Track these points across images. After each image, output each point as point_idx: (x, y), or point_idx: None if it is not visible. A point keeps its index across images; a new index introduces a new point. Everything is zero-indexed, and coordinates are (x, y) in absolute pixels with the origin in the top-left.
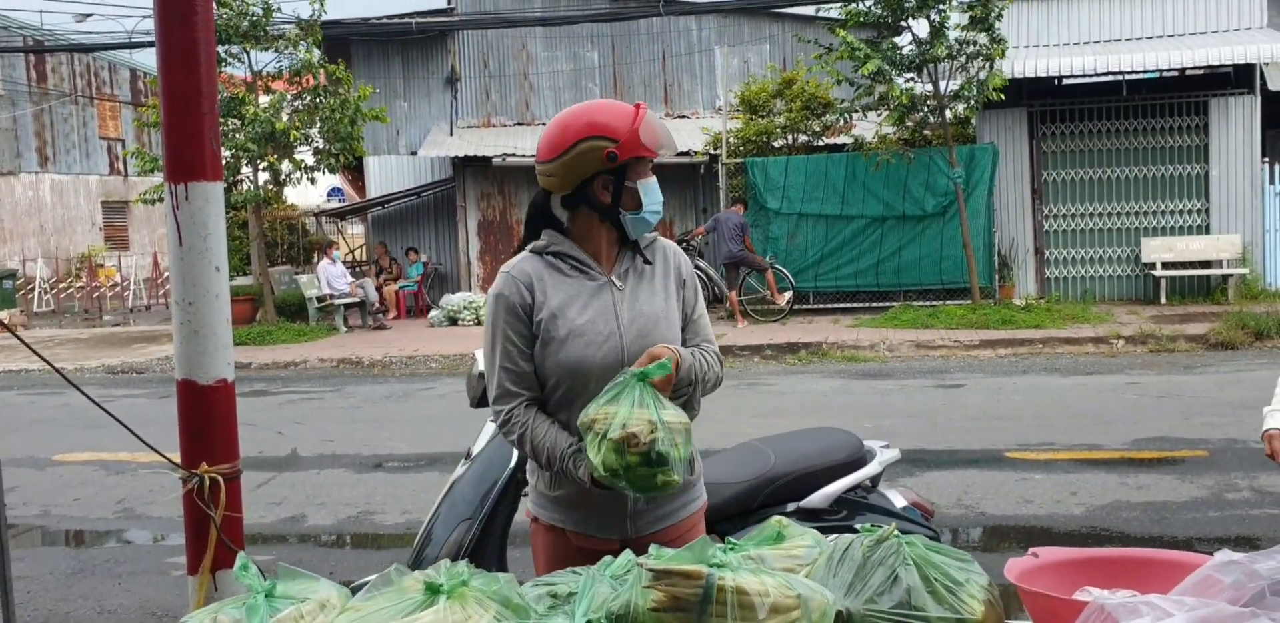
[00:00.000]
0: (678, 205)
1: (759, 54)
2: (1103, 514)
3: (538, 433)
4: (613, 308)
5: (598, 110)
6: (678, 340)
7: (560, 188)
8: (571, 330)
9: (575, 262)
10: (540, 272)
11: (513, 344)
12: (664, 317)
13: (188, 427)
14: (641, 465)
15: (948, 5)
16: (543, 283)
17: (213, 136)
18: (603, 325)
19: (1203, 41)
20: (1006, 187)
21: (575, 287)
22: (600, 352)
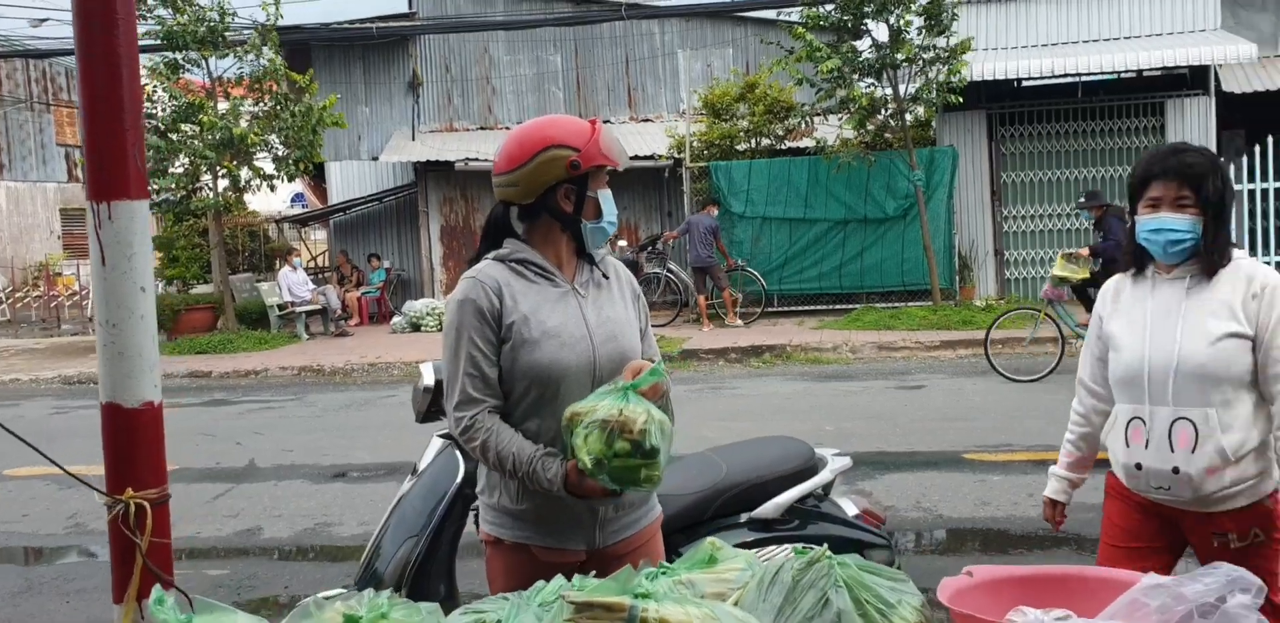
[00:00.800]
0: (642, 209)
1: (722, 58)
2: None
3: (502, 439)
4: (580, 312)
5: (557, 122)
6: (640, 350)
7: (522, 198)
8: (545, 332)
9: (539, 268)
10: (507, 277)
11: (478, 349)
12: (628, 324)
13: (113, 451)
14: (630, 455)
15: (906, 9)
16: (510, 288)
17: (137, 153)
18: (573, 328)
19: (1158, 43)
20: (966, 188)
21: (541, 292)
22: (573, 354)
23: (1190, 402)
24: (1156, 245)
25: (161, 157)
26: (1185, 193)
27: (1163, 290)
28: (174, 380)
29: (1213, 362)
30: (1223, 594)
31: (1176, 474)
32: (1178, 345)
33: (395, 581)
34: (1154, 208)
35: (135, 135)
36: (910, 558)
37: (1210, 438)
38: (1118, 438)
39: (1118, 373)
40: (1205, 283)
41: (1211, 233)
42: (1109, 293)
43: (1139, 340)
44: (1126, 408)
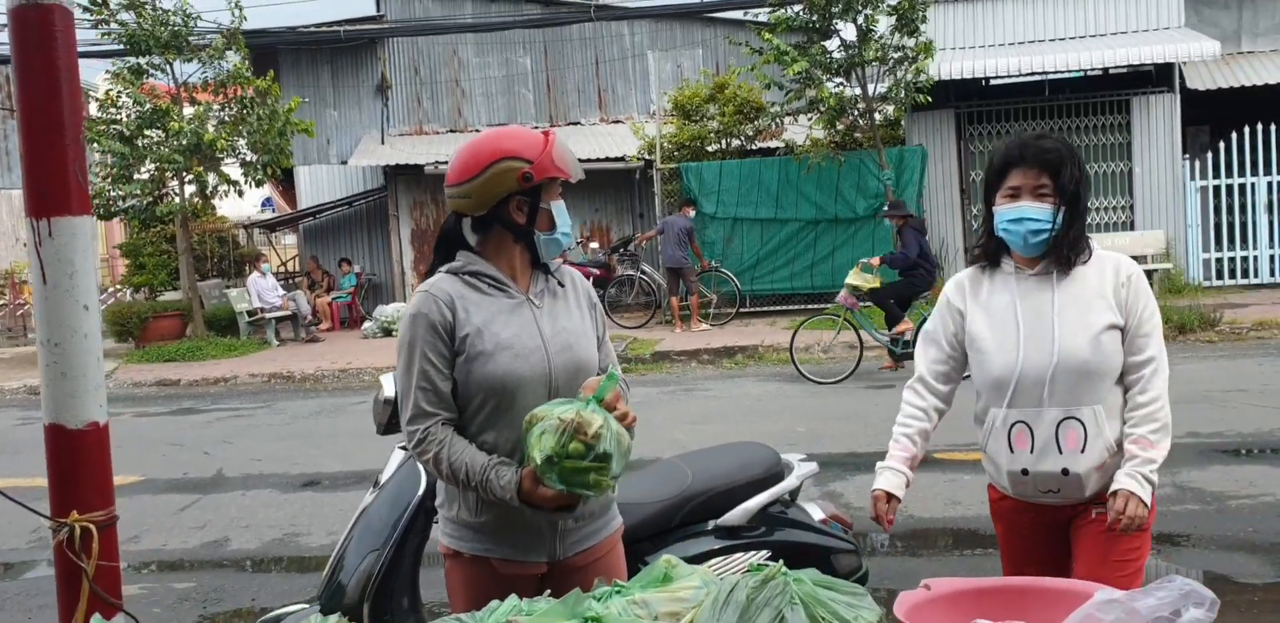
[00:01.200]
0: (614, 211)
1: (692, 59)
2: None
3: (455, 450)
4: (534, 323)
5: (509, 134)
6: (596, 359)
7: (474, 209)
8: (498, 344)
9: (492, 280)
10: (460, 290)
11: (431, 364)
12: (584, 333)
13: (57, 473)
14: (582, 457)
15: (874, 9)
16: (464, 300)
17: (78, 168)
18: (528, 340)
19: (1124, 41)
20: (936, 187)
21: (495, 304)
22: (527, 365)
23: (1075, 400)
24: (1016, 236)
25: (127, 163)
26: (1044, 181)
27: (1030, 287)
28: (142, 389)
29: (1096, 357)
30: (1177, 608)
31: (1066, 476)
32: (1057, 344)
33: (358, 594)
34: (1013, 198)
35: (76, 150)
36: (881, 560)
37: (1099, 436)
38: (999, 444)
39: (991, 376)
40: (1072, 276)
41: (1069, 223)
42: (961, 289)
43: (1011, 342)
44: (1006, 412)
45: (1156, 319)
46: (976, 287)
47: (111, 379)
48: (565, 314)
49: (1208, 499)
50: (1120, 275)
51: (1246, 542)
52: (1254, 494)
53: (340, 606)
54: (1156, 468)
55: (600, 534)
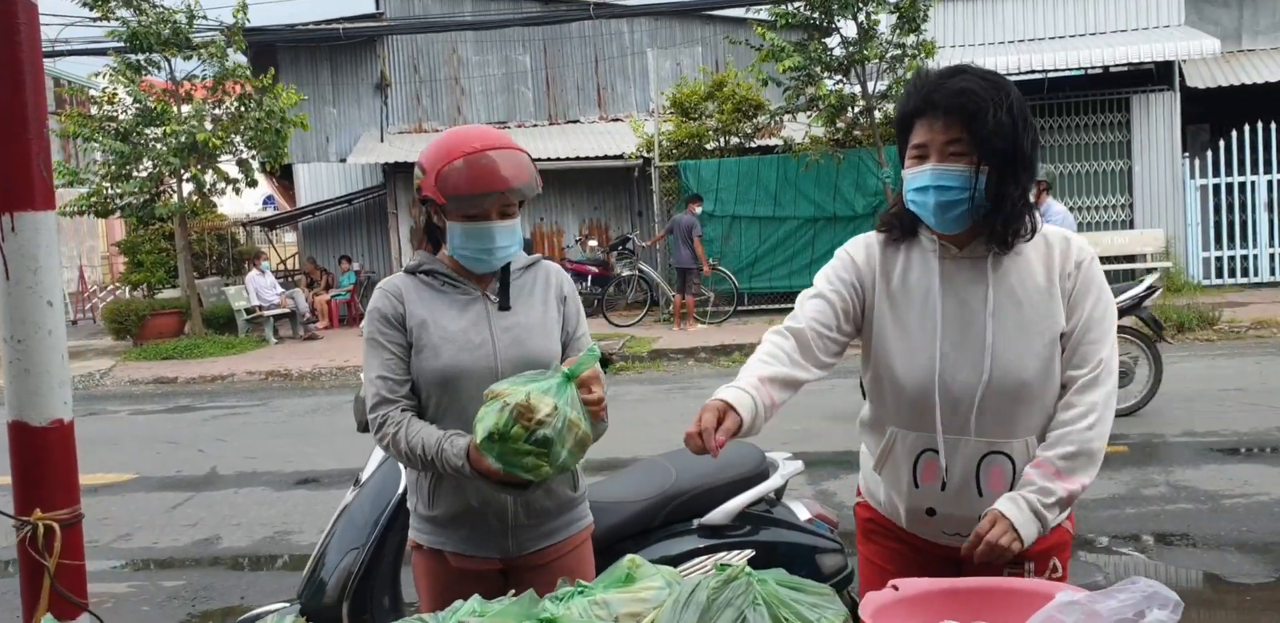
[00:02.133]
0: (612, 209)
1: (691, 56)
2: None
3: (411, 430)
4: (486, 318)
5: (445, 139)
6: (555, 353)
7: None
8: (444, 337)
9: (446, 278)
10: (412, 286)
11: (390, 353)
12: (540, 327)
13: (21, 471)
14: (522, 441)
15: (876, 7)
16: (413, 294)
17: (42, 163)
18: (474, 334)
19: (1124, 39)
20: None
21: (446, 300)
22: (472, 358)
23: (1006, 431)
24: (925, 209)
25: (124, 161)
26: (956, 134)
27: (957, 273)
28: (139, 386)
29: (1039, 377)
30: (1141, 609)
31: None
32: (989, 358)
33: (338, 592)
34: (920, 159)
35: (40, 144)
36: None
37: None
38: (899, 474)
39: (898, 389)
40: (1011, 262)
41: (1000, 189)
42: (870, 257)
43: (929, 348)
44: (912, 436)
45: (1110, 320)
46: (888, 261)
47: (109, 377)
48: (526, 310)
49: (1202, 498)
50: (1069, 262)
51: (1240, 541)
52: (1248, 494)
53: (320, 604)
54: (1057, 504)
55: (561, 533)
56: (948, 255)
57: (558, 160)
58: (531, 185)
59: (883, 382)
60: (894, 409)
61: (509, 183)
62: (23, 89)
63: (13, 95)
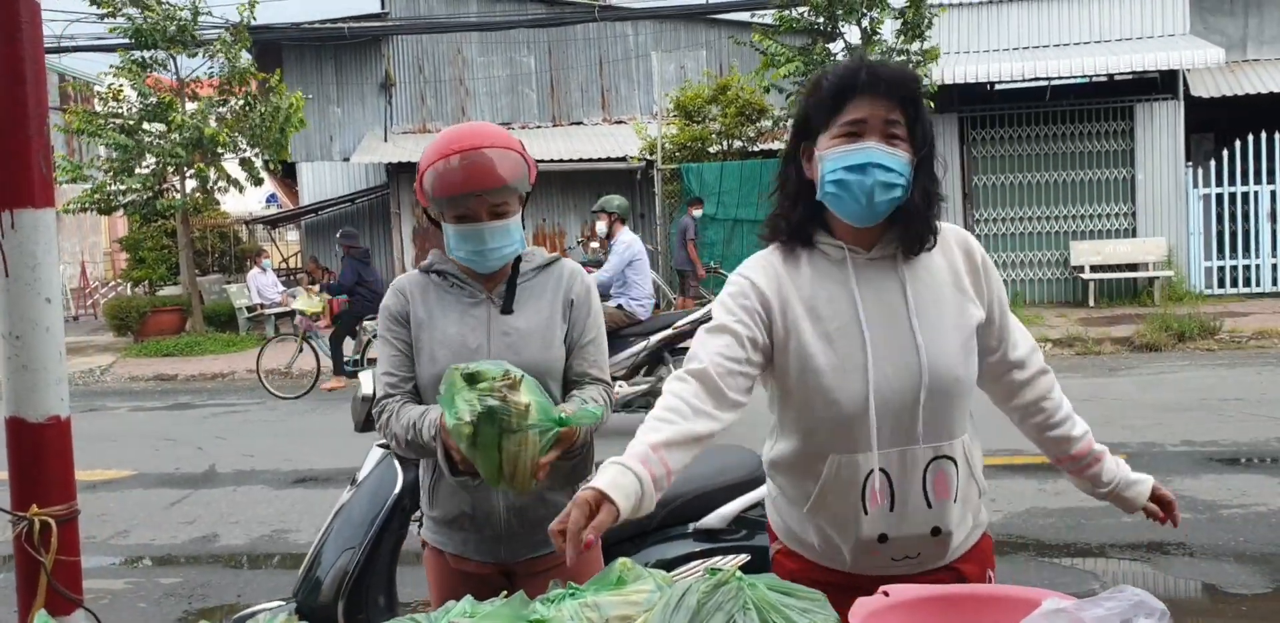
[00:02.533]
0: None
1: (695, 60)
2: (1019, 521)
3: (401, 412)
4: (485, 323)
5: (435, 140)
6: (556, 361)
7: None
8: (441, 341)
9: (455, 279)
10: (423, 284)
11: (395, 350)
12: (539, 335)
13: (17, 467)
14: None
15: (881, 12)
16: (420, 293)
17: (43, 160)
18: (470, 339)
19: (1128, 47)
20: None
21: (451, 301)
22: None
23: (946, 432)
24: (857, 192)
25: (128, 156)
26: (897, 117)
27: (871, 276)
28: (139, 383)
29: (968, 370)
30: (1127, 618)
31: (936, 536)
32: (923, 359)
33: (333, 591)
34: (854, 137)
35: (40, 141)
36: None
37: (970, 476)
38: (845, 505)
39: (833, 412)
40: (919, 260)
41: (924, 187)
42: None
43: (859, 359)
44: (857, 458)
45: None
46: (794, 274)
47: (109, 373)
48: (529, 314)
49: (1200, 508)
50: (974, 255)
51: (1237, 552)
52: (1246, 504)
53: (315, 602)
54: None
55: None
56: (859, 259)
57: (561, 162)
58: (517, 184)
59: (814, 407)
60: (831, 435)
61: (485, 184)
62: (24, 86)
63: (13, 93)
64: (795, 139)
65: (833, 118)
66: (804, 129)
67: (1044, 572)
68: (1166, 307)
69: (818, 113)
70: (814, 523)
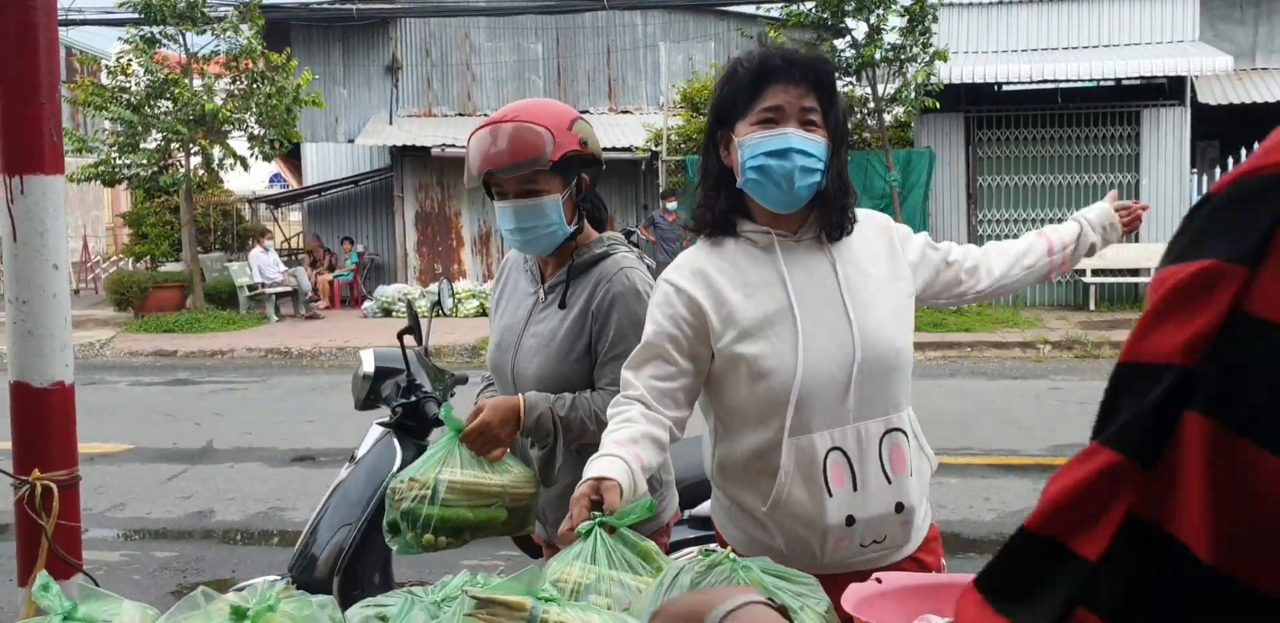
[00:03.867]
0: (619, 202)
1: (703, 51)
2: (1012, 521)
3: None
4: (524, 320)
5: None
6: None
7: None
8: (498, 327)
9: (527, 264)
10: (517, 263)
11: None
12: (553, 343)
13: (21, 431)
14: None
15: (886, 9)
16: (509, 272)
17: (53, 127)
18: (509, 335)
19: (1137, 52)
20: (942, 191)
21: (520, 288)
22: (498, 358)
23: (893, 404)
24: (777, 177)
25: (134, 132)
26: (813, 104)
27: (799, 256)
28: (138, 358)
29: (906, 343)
30: None
31: (900, 513)
32: (855, 333)
33: (328, 568)
34: (771, 123)
35: (51, 108)
36: None
37: (920, 449)
38: (806, 491)
39: (774, 391)
40: (844, 242)
41: (838, 170)
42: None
43: (791, 341)
44: (814, 438)
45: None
46: (717, 264)
47: (109, 347)
48: (557, 317)
49: None
50: (891, 230)
51: None
52: None
53: (311, 579)
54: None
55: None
56: (785, 242)
57: None
58: (530, 162)
59: (758, 395)
60: (781, 420)
61: (494, 161)
62: (36, 53)
63: (27, 59)
64: (712, 128)
65: (750, 105)
66: (721, 117)
67: None
68: None
69: (734, 100)
70: (777, 522)
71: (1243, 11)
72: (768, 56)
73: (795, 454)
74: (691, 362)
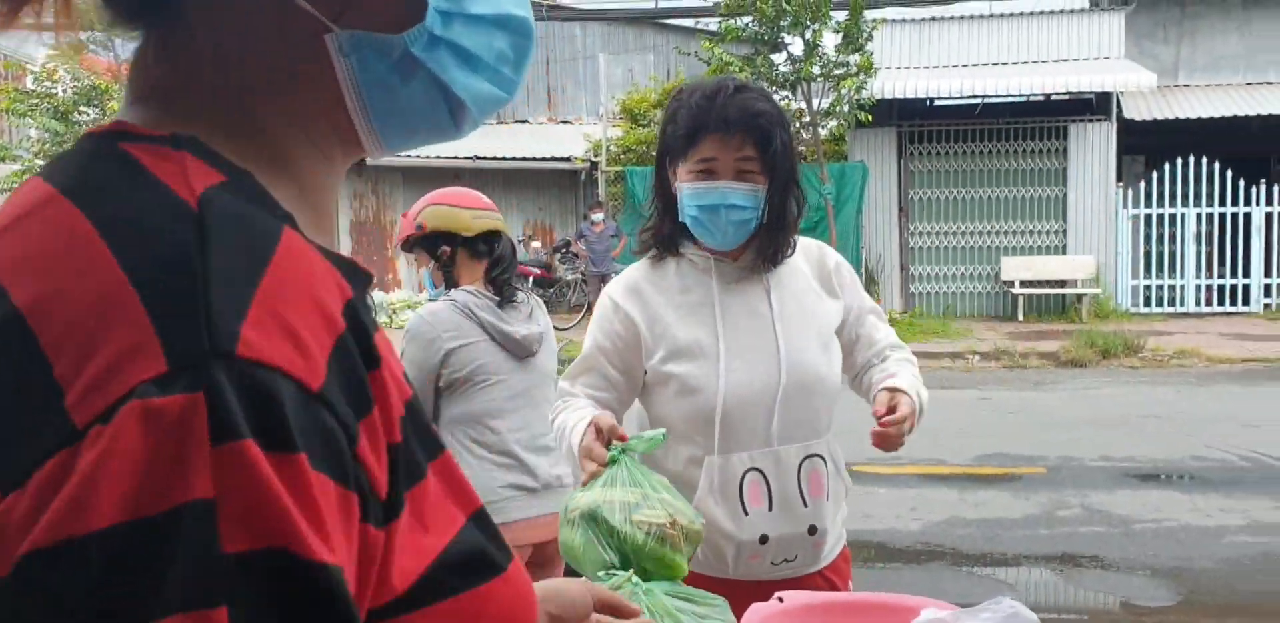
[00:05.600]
0: (557, 211)
1: (642, 63)
2: (938, 531)
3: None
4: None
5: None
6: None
7: None
8: None
9: None
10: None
11: None
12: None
13: None
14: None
15: (821, 25)
16: None
17: None
18: None
19: (1065, 69)
20: (875, 204)
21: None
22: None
23: (813, 430)
24: (713, 226)
25: (61, 140)
26: (750, 153)
27: (734, 279)
28: None
29: (830, 370)
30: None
31: (813, 535)
32: (782, 359)
33: None
34: (708, 174)
35: None
36: None
37: (838, 474)
38: (723, 507)
39: (699, 408)
40: (782, 268)
41: (779, 208)
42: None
43: (715, 364)
44: (732, 458)
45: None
46: (656, 284)
47: None
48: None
49: (1114, 522)
50: (828, 261)
51: (1148, 565)
52: (1158, 519)
53: None
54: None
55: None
56: (724, 265)
57: (504, 160)
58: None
59: (683, 413)
60: (705, 438)
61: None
62: None
63: None
64: (662, 155)
65: (687, 151)
66: (668, 152)
67: (959, 581)
68: (1093, 323)
69: (674, 145)
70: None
71: (1166, 30)
72: (703, 110)
73: (715, 471)
74: (624, 375)
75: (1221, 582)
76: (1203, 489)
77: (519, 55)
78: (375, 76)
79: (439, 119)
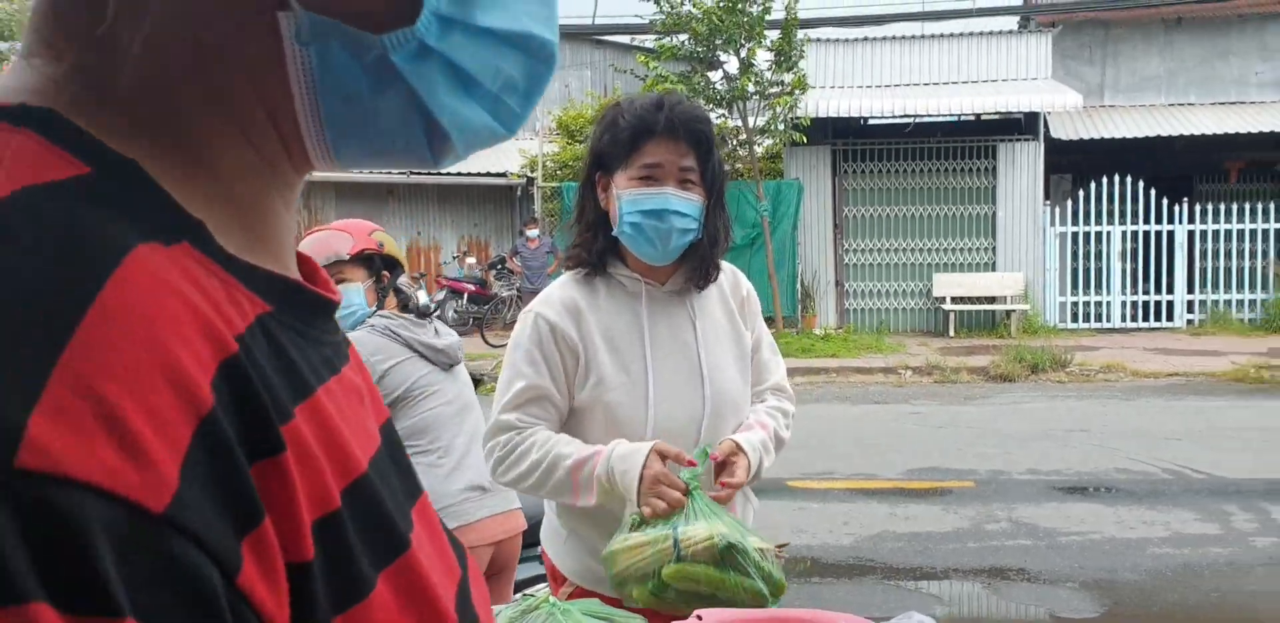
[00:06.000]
0: (493, 227)
1: (579, 79)
2: (869, 545)
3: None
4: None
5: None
6: None
7: None
8: None
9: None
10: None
11: None
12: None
13: None
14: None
15: (756, 43)
16: None
17: None
18: None
19: (994, 89)
20: (811, 221)
21: None
22: None
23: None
24: (654, 233)
25: None
26: (692, 163)
27: (662, 306)
28: None
29: (744, 396)
30: None
31: None
32: (706, 387)
33: None
34: (650, 181)
35: None
36: None
37: (747, 496)
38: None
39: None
40: (704, 294)
41: (714, 226)
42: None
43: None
44: None
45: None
46: (590, 305)
47: None
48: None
49: (1040, 535)
50: (740, 288)
51: (1073, 577)
52: (1083, 532)
53: None
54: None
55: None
56: (653, 291)
57: (439, 175)
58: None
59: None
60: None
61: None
62: None
63: None
64: (590, 170)
65: (629, 158)
66: (599, 162)
67: (890, 595)
68: (1022, 339)
69: (614, 150)
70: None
71: (1091, 52)
72: (651, 112)
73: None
74: (563, 397)
75: (1145, 593)
76: (1127, 502)
77: (531, 85)
78: (338, 79)
79: (412, 145)
